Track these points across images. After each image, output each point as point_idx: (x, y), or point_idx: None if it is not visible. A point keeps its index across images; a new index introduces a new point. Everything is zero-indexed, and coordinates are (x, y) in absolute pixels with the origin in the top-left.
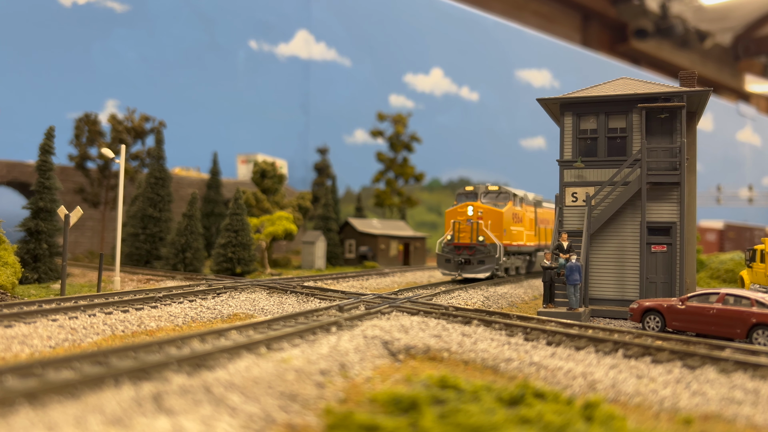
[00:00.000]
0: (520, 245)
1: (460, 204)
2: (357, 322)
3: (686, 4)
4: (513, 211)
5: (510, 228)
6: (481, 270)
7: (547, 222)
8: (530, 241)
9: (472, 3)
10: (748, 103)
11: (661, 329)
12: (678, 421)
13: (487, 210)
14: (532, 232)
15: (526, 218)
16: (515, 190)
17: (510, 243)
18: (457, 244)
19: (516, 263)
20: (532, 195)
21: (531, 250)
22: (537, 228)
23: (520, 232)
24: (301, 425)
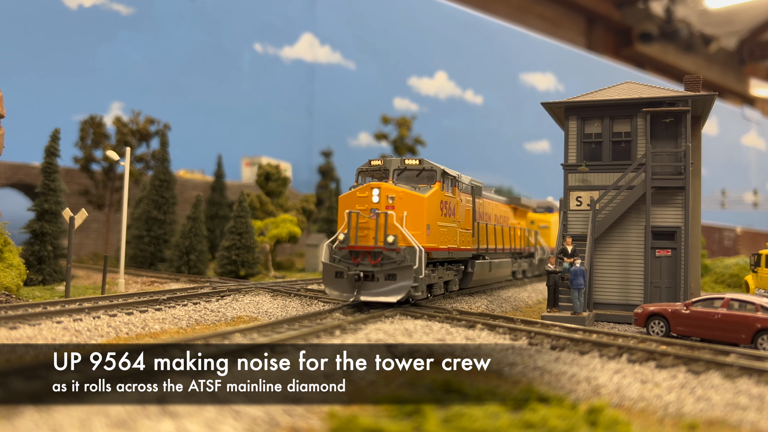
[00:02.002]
0: (451, 250)
1: (361, 186)
2: (361, 325)
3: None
4: (443, 197)
5: (437, 224)
6: (392, 290)
7: (490, 217)
8: (466, 244)
9: (476, 6)
10: (753, 107)
11: (665, 334)
12: (682, 426)
13: (402, 195)
14: (469, 231)
15: (461, 210)
16: (447, 169)
17: (437, 247)
18: (354, 248)
19: (445, 277)
20: (468, 178)
21: (466, 257)
22: (475, 225)
23: (452, 230)
24: (304, 429)
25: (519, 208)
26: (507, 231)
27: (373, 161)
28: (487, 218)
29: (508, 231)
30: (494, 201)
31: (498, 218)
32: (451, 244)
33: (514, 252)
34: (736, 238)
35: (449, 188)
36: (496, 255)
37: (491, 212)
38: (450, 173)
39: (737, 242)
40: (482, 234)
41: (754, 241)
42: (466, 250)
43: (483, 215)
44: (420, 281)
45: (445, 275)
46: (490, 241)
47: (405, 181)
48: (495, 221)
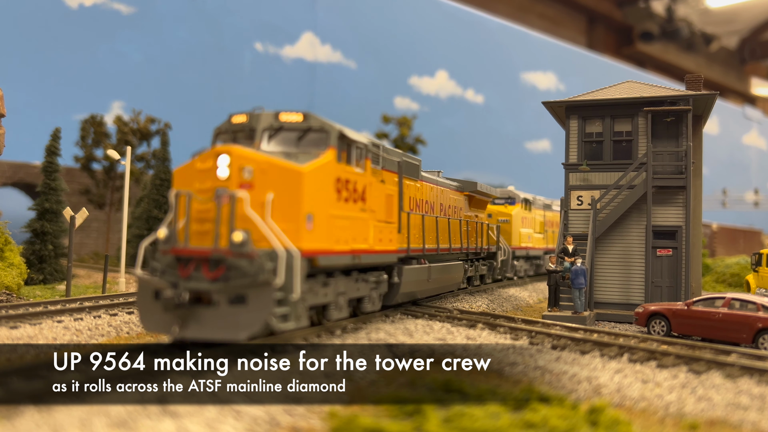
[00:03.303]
0: (359, 252)
1: (204, 153)
2: (361, 324)
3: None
4: (341, 173)
5: (330, 213)
6: (236, 322)
7: (432, 207)
8: (387, 243)
9: (477, 5)
10: (755, 106)
11: (666, 333)
12: (683, 426)
13: (266, 167)
14: (393, 225)
15: (378, 195)
16: (351, 132)
17: (329, 249)
18: (181, 252)
19: (352, 292)
20: (396, 151)
21: (388, 261)
22: (404, 217)
23: (361, 222)
24: (305, 428)
25: (476, 197)
26: (458, 225)
27: (236, 117)
28: (427, 208)
29: (459, 225)
30: (439, 186)
31: (446, 209)
32: (358, 244)
33: (469, 252)
34: (712, 235)
35: (354, 161)
36: (441, 257)
37: (434, 200)
38: (355, 139)
39: (713, 240)
40: (415, 229)
41: (732, 239)
42: (385, 252)
43: (420, 204)
44: (294, 304)
45: (352, 290)
46: (430, 239)
47: (281, 147)
48: (441, 212)
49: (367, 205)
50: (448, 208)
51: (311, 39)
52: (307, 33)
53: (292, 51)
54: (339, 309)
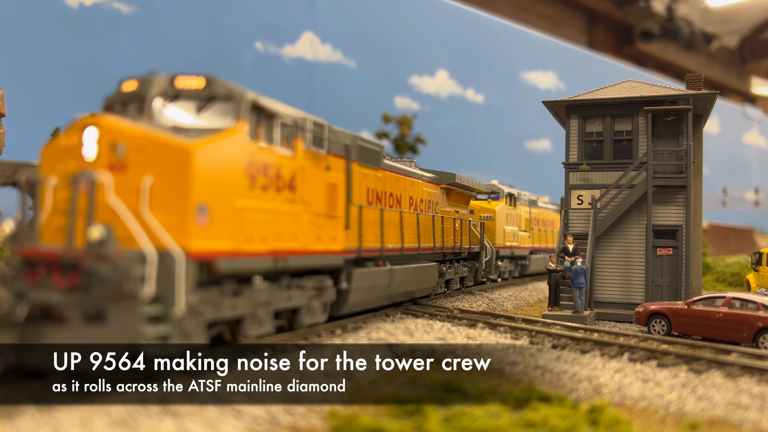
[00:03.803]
0: (284, 254)
1: (70, 126)
2: (361, 324)
3: (692, 7)
4: (255, 155)
5: (238, 204)
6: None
7: (399, 201)
8: (328, 241)
9: (477, 5)
10: (755, 105)
11: (666, 333)
12: (684, 425)
13: (144, 143)
14: (337, 220)
15: (315, 183)
16: (268, 100)
17: (237, 249)
18: (28, 253)
19: (279, 302)
20: (339, 129)
21: (332, 264)
22: (353, 211)
23: (287, 216)
24: (305, 428)
25: (455, 191)
26: (431, 222)
27: (127, 83)
28: (392, 201)
29: (432, 222)
30: (409, 177)
31: (417, 203)
32: (285, 243)
33: (446, 252)
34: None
35: (279, 140)
36: (408, 258)
37: (401, 193)
38: (278, 111)
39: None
40: (371, 226)
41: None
42: (326, 252)
43: (382, 196)
44: (177, 322)
45: (280, 299)
46: (392, 237)
47: (179, 119)
48: (411, 207)
49: (297, 195)
50: (420, 203)
51: (311, 38)
52: (307, 32)
53: (292, 50)
54: (259, 323)
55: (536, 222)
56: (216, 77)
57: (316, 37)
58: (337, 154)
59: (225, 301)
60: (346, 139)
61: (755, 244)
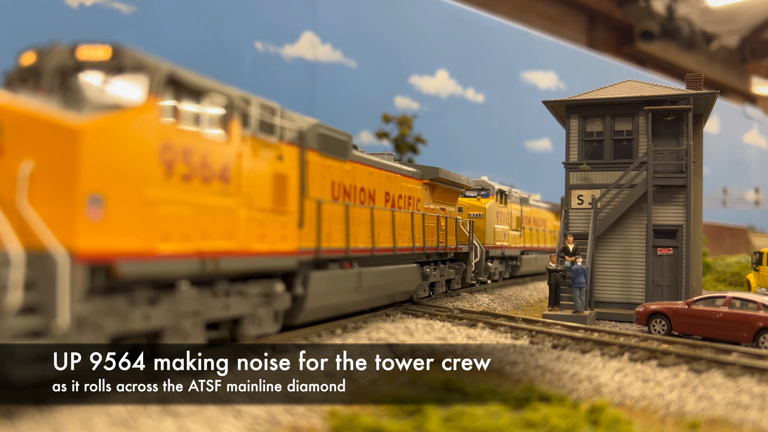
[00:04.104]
0: (207, 256)
1: None
2: (362, 324)
3: (693, 6)
4: (169, 134)
5: (148, 195)
6: None
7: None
8: (276, 240)
9: (477, 5)
10: (755, 105)
11: (667, 333)
12: (684, 425)
13: (23, 121)
14: (289, 217)
15: (256, 174)
16: (185, 73)
17: (143, 251)
18: None
19: (211, 311)
20: (293, 115)
21: (282, 266)
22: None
23: (221, 211)
24: (306, 428)
25: (441, 186)
26: (411, 220)
27: (26, 55)
28: (363, 197)
29: (411, 220)
30: (384, 170)
31: (394, 199)
32: (216, 242)
33: (430, 253)
34: None
35: (201, 120)
36: (381, 260)
37: (374, 188)
38: (205, 87)
39: None
40: (335, 223)
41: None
42: (273, 253)
43: (350, 191)
44: (64, 337)
45: (214, 308)
46: (361, 236)
47: (81, 94)
48: (388, 203)
49: (233, 187)
50: (398, 199)
51: (311, 38)
52: (307, 32)
53: (292, 50)
54: (184, 335)
55: (528, 221)
56: (124, 46)
57: (316, 37)
58: (293, 142)
59: (135, 311)
60: (301, 125)
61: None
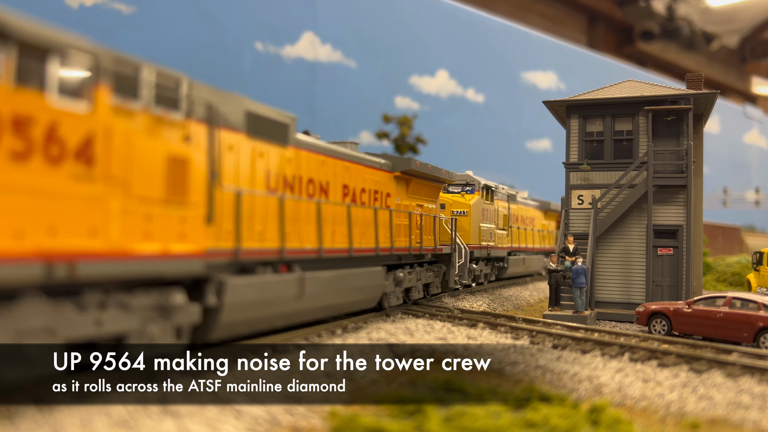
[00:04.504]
0: (56, 259)
1: None
2: (362, 324)
3: (693, 6)
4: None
5: None
6: None
7: (326, 190)
8: (155, 241)
9: (477, 5)
10: (755, 105)
11: (667, 333)
12: (684, 425)
13: None
14: (192, 212)
15: (134, 153)
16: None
17: None
18: None
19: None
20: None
21: (141, 272)
22: (221, 198)
23: (59, 199)
24: (306, 428)
25: (415, 180)
26: (374, 216)
27: None
28: (312, 190)
29: (375, 217)
30: (342, 160)
31: (355, 193)
32: (71, 241)
33: (401, 255)
34: None
35: (47, 83)
36: (334, 263)
37: (328, 179)
38: (44, 40)
39: None
40: (267, 220)
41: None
42: (164, 256)
43: (293, 183)
44: None
45: (80, 324)
46: (306, 235)
47: None
48: (347, 197)
49: (100, 170)
50: (360, 193)
51: (311, 38)
52: (307, 32)
53: (292, 51)
54: (27, 362)
55: (515, 219)
56: None
57: (317, 37)
58: (205, 120)
59: None
60: (211, 98)
61: (743, 242)
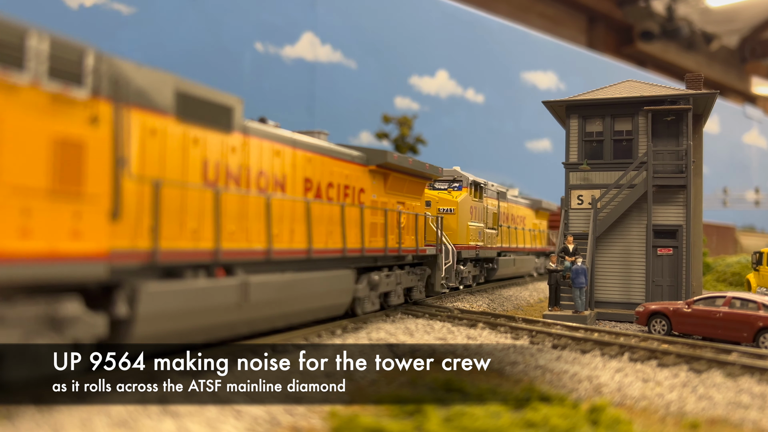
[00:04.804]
0: None
1: None
2: (362, 324)
3: (692, 6)
4: None
5: None
6: None
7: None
8: (27, 239)
9: (477, 5)
10: (755, 105)
11: (667, 332)
12: (684, 425)
13: None
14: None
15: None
16: None
17: None
18: None
19: None
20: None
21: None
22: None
23: None
24: (306, 428)
25: (394, 175)
26: (340, 215)
27: None
28: (265, 182)
29: (341, 214)
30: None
31: (320, 188)
32: None
33: (376, 257)
34: None
35: None
36: (289, 266)
37: (284, 171)
38: None
39: None
40: (205, 214)
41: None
42: (49, 258)
43: (234, 173)
44: None
45: None
46: (254, 234)
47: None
48: (308, 192)
49: None
50: (327, 188)
51: (311, 39)
52: (307, 33)
53: (292, 51)
54: None
55: (505, 218)
56: None
57: (316, 37)
58: (114, 98)
59: None
60: (129, 74)
61: (737, 242)
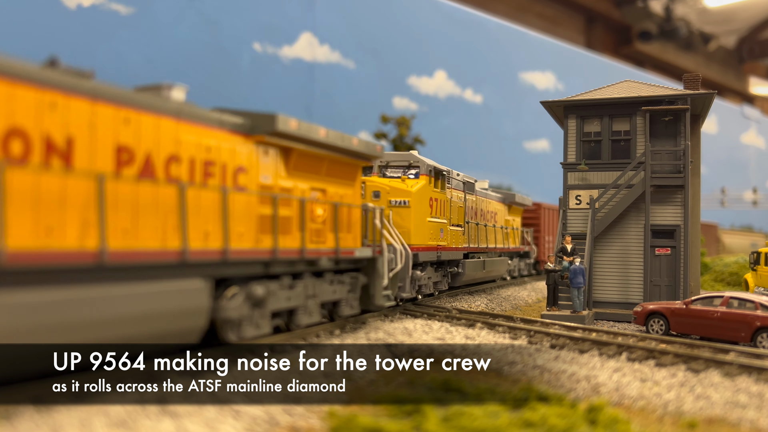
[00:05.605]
0: None
1: None
2: (360, 324)
3: (690, 7)
4: None
5: None
6: None
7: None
8: None
9: (475, 5)
10: (753, 105)
11: (665, 332)
12: (682, 424)
13: None
14: None
15: None
16: None
17: None
18: None
19: None
20: None
21: None
22: None
23: None
24: (304, 428)
25: (299, 150)
26: (222, 203)
27: None
28: (32, 150)
29: (178, 202)
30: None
31: (151, 162)
32: None
33: (267, 261)
34: None
35: None
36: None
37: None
38: None
39: None
40: None
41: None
42: None
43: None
44: None
45: None
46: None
47: None
48: (132, 167)
49: None
50: (170, 163)
51: (310, 39)
52: (305, 33)
53: (290, 51)
54: None
55: (473, 213)
56: None
57: (315, 37)
58: None
59: None
60: None
61: (719, 240)
